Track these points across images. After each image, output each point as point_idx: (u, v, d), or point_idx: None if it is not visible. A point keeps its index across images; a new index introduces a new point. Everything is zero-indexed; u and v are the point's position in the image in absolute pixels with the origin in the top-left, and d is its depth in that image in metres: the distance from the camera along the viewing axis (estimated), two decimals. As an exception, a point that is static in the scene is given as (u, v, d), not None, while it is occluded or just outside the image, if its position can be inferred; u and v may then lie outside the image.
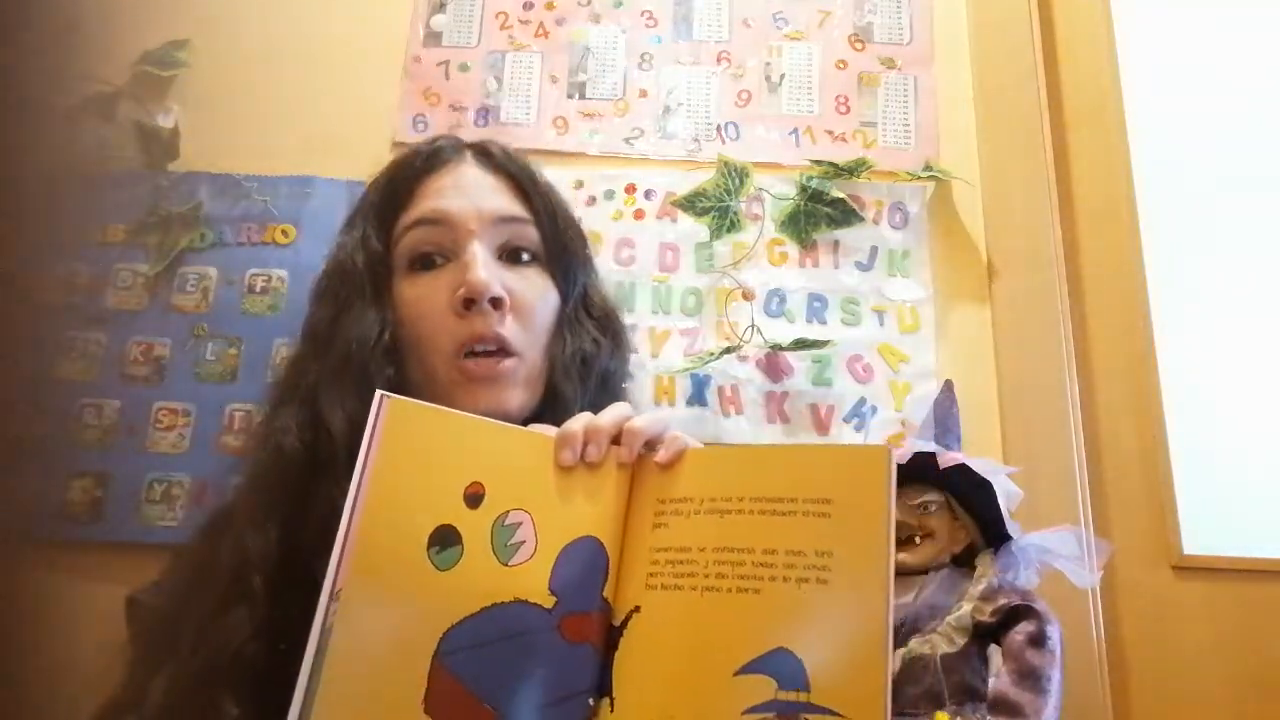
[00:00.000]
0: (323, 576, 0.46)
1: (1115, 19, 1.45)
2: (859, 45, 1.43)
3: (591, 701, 0.51)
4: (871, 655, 0.46)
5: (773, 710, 0.47)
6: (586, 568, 0.54)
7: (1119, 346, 1.31)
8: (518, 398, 0.71)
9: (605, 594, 0.54)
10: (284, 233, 1.30)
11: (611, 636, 0.53)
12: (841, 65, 1.42)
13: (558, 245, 0.77)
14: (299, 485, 0.64)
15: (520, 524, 0.53)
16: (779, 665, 0.48)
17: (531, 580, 0.52)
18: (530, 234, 0.75)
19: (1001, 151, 1.36)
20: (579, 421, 0.57)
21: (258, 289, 1.27)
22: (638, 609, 0.53)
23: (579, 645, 0.52)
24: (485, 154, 0.79)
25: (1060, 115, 1.42)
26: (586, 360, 0.75)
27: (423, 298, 0.72)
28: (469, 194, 0.75)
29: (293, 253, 1.29)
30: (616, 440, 0.57)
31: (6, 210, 0.24)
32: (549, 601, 0.52)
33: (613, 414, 0.58)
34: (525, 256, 0.75)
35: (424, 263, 0.73)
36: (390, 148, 1.36)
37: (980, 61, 1.42)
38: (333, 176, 1.32)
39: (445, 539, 0.51)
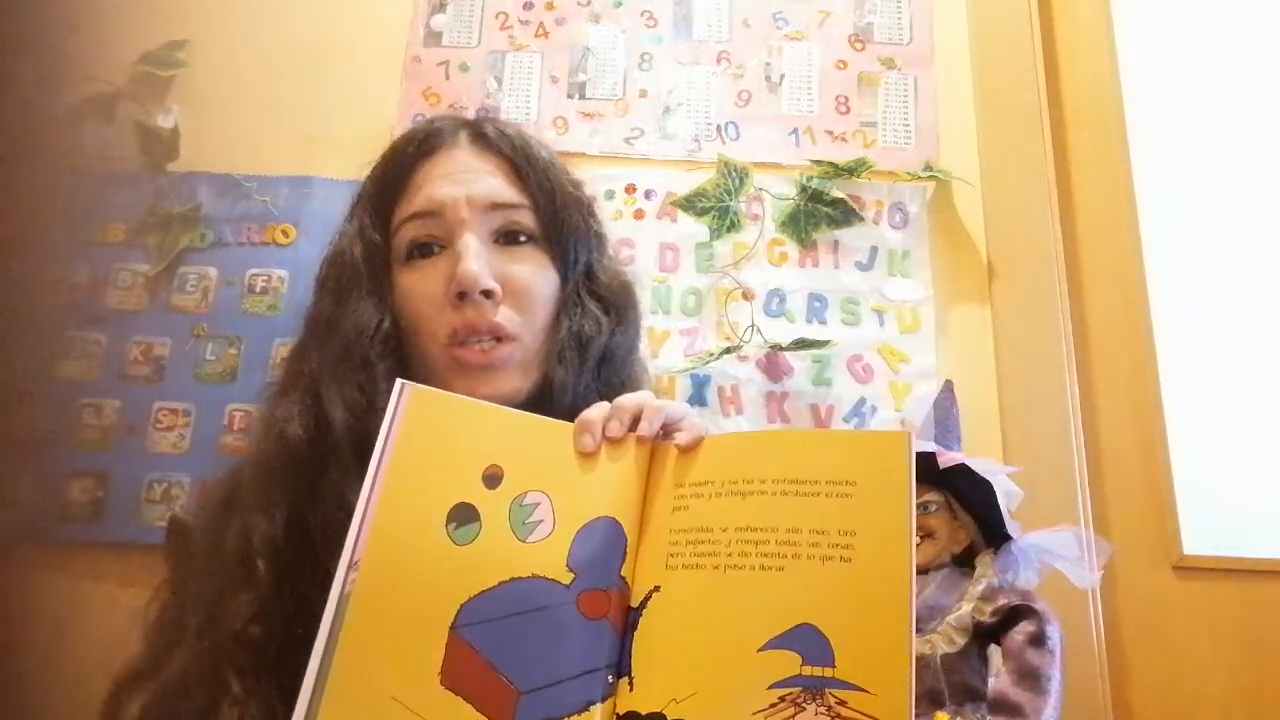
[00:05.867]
0: (333, 563, 0.48)
1: (1115, 19, 1.45)
2: (859, 45, 1.43)
3: (611, 679, 0.51)
4: (896, 631, 0.47)
5: (798, 684, 0.47)
6: (604, 546, 0.54)
7: (1119, 346, 1.31)
8: (513, 383, 0.71)
9: (624, 573, 0.54)
10: (284, 233, 1.30)
11: (631, 617, 0.53)
12: (841, 65, 1.42)
13: (556, 225, 0.76)
14: (304, 473, 0.66)
15: (538, 504, 0.54)
16: (805, 640, 0.48)
17: (549, 556, 0.52)
18: (525, 218, 0.75)
19: (1001, 151, 1.36)
20: (599, 409, 0.58)
21: (258, 289, 1.27)
22: (657, 589, 0.53)
23: (597, 620, 0.52)
24: (481, 135, 0.78)
25: (1060, 115, 1.42)
26: (584, 341, 0.75)
27: (419, 286, 0.72)
28: (461, 181, 0.74)
29: (293, 253, 1.29)
30: (635, 426, 0.58)
31: (6, 210, 0.24)
32: (566, 577, 0.52)
33: (635, 396, 0.59)
34: (522, 239, 0.75)
35: (421, 251, 0.73)
36: (390, 148, 1.36)
37: (980, 61, 1.41)
38: (333, 176, 1.32)
39: (463, 516, 0.52)
